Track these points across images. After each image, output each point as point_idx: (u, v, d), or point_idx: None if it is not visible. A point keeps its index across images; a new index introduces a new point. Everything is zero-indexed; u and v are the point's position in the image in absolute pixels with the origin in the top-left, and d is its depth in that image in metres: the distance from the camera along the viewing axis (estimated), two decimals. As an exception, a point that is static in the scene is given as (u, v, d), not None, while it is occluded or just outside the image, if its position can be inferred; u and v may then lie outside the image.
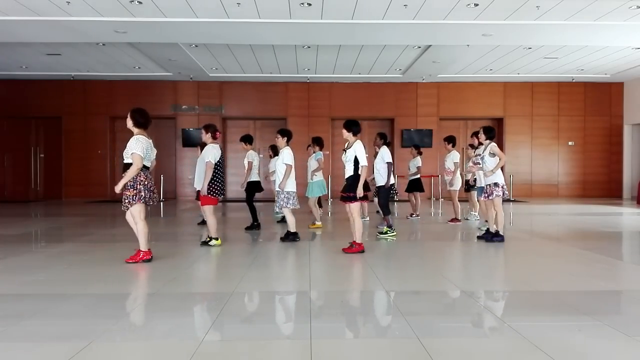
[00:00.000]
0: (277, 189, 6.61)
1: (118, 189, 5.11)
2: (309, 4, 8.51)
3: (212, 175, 6.15)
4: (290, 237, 6.66)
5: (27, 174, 15.97)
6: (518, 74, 14.86)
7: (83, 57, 12.70)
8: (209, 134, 6.34)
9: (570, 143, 16.12)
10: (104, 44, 11.38)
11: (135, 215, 5.12)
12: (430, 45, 11.48)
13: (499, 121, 16.06)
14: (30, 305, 3.72)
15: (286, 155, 6.55)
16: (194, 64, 13.28)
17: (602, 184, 16.14)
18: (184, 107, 15.67)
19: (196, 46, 11.63)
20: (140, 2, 8.39)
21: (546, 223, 9.31)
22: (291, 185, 6.57)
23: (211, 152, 6.17)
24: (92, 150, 15.49)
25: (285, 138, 6.75)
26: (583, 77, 15.23)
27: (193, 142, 15.33)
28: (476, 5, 8.54)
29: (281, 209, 6.65)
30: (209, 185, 6.14)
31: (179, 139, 15.55)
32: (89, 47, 11.70)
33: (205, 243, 6.36)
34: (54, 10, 8.73)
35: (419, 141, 14.26)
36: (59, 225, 8.98)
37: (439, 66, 13.59)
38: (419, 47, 11.84)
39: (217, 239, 6.32)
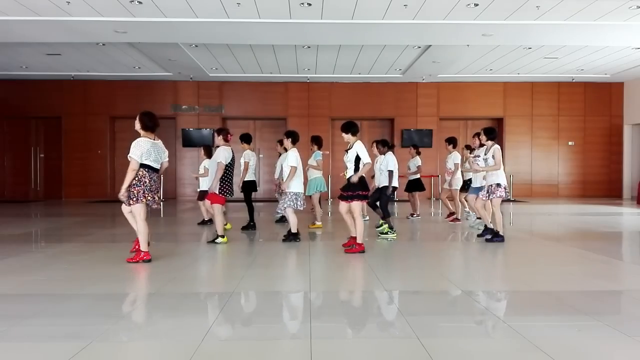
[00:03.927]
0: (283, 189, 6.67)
1: (121, 194, 5.06)
2: (309, 4, 8.51)
3: (223, 175, 6.45)
4: (291, 237, 6.67)
5: (27, 174, 15.97)
6: (518, 74, 14.85)
7: (83, 57, 12.70)
8: (221, 136, 6.70)
9: (570, 143, 16.11)
10: (104, 44, 11.38)
11: (137, 214, 5.14)
12: (430, 45, 11.48)
13: (499, 121, 16.06)
14: (30, 305, 3.73)
15: (291, 157, 6.57)
16: (194, 64, 13.28)
17: (602, 184, 16.13)
18: (184, 107, 15.66)
19: (196, 46, 11.62)
20: (140, 2, 8.39)
21: (546, 223, 9.31)
22: (298, 186, 6.59)
23: (223, 154, 6.48)
24: (92, 150, 15.48)
25: (290, 139, 6.77)
26: (583, 77, 15.22)
27: (193, 142, 15.36)
28: (476, 5, 8.54)
29: (285, 209, 6.64)
30: (219, 184, 6.43)
31: (179, 139, 15.54)
32: (89, 47, 11.70)
33: (212, 241, 6.57)
34: (54, 10, 8.73)
35: (418, 141, 14.26)
36: (59, 225, 8.98)
37: (439, 66, 13.59)
38: (419, 47, 11.84)
39: (223, 236, 6.52)
